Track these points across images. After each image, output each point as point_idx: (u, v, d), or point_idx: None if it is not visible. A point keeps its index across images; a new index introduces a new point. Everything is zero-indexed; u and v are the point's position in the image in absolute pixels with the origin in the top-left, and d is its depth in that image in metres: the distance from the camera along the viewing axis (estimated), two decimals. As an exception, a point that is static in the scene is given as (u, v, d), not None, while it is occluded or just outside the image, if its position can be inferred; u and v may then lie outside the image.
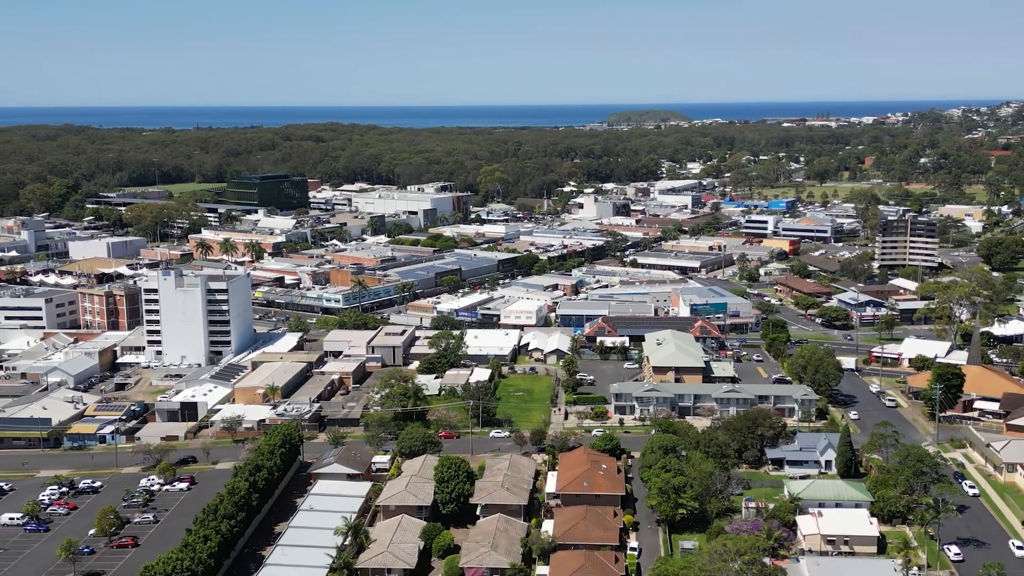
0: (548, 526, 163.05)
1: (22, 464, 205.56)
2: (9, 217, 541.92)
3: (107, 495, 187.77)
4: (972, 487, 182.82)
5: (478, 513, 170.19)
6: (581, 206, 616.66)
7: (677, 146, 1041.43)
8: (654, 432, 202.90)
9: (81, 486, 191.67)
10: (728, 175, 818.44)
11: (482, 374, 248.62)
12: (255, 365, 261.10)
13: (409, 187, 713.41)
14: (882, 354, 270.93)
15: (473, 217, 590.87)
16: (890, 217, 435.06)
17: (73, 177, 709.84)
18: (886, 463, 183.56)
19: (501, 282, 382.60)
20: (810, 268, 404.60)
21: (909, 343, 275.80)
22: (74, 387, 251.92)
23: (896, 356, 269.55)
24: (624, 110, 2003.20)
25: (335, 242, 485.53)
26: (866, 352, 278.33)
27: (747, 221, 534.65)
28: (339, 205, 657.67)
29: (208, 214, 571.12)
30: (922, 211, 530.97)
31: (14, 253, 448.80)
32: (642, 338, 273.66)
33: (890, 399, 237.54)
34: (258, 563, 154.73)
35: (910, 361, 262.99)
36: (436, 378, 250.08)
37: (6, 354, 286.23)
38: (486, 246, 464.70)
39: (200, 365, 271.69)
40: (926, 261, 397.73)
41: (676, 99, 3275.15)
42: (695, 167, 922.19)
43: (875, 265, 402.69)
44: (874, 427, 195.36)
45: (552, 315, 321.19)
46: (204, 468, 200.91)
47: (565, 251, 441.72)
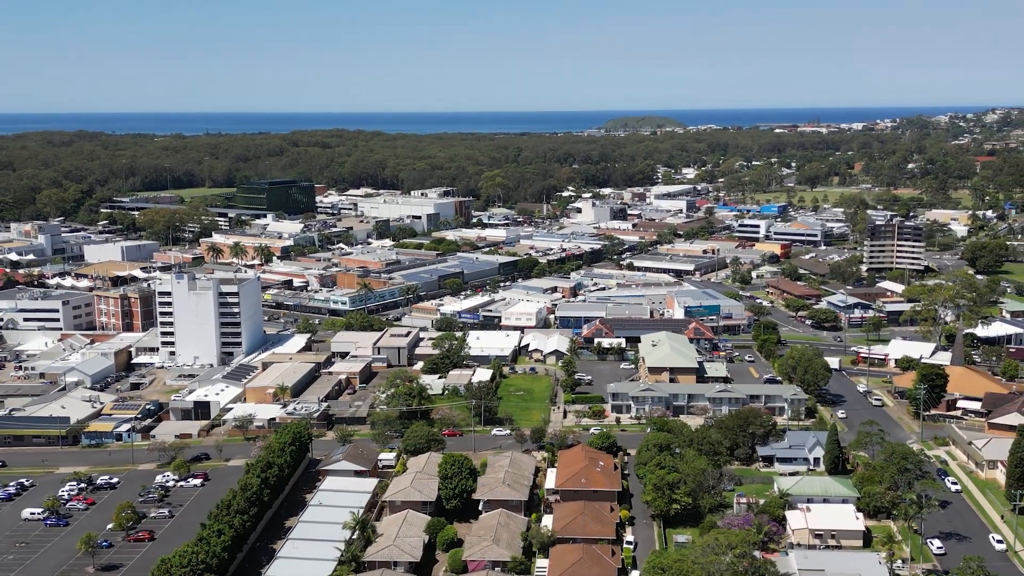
0: (548, 521, 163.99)
1: (42, 461, 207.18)
2: (26, 221, 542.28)
3: (124, 491, 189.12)
4: (954, 483, 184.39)
5: (480, 508, 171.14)
6: (579, 211, 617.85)
7: (672, 152, 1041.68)
8: (649, 430, 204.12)
9: (99, 482, 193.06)
10: (722, 180, 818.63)
11: (484, 374, 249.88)
12: (265, 365, 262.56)
13: (413, 192, 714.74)
14: (869, 355, 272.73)
15: (475, 221, 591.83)
16: (878, 222, 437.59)
17: (87, 182, 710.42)
18: (872, 460, 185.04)
19: (502, 285, 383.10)
20: (800, 271, 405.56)
21: (895, 344, 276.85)
22: (91, 387, 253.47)
23: (883, 357, 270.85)
24: (621, 116, 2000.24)
25: (341, 246, 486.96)
26: (850, 353, 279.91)
27: (740, 225, 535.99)
28: (345, 210, 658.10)
29: (219, 218, 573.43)
30: (909, 216, 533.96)
31: (31, 256, 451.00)
32: (638, 339, 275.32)
33: (876, 398, 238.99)
34: (270, 556, 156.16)
35: (896, 362, 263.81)
36: (440, 378, 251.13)
37: (25, 354, 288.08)
38: (487, 250, 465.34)
39: (212, 365, 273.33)
40: (913, 265, 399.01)
41: (672, 105, 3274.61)
42: (690, 172, 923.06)
43: (863, 268, 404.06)
44: (860, 425, 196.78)
45: (551, 317, 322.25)
46: (217, 465, 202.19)
47: (564, 254, 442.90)
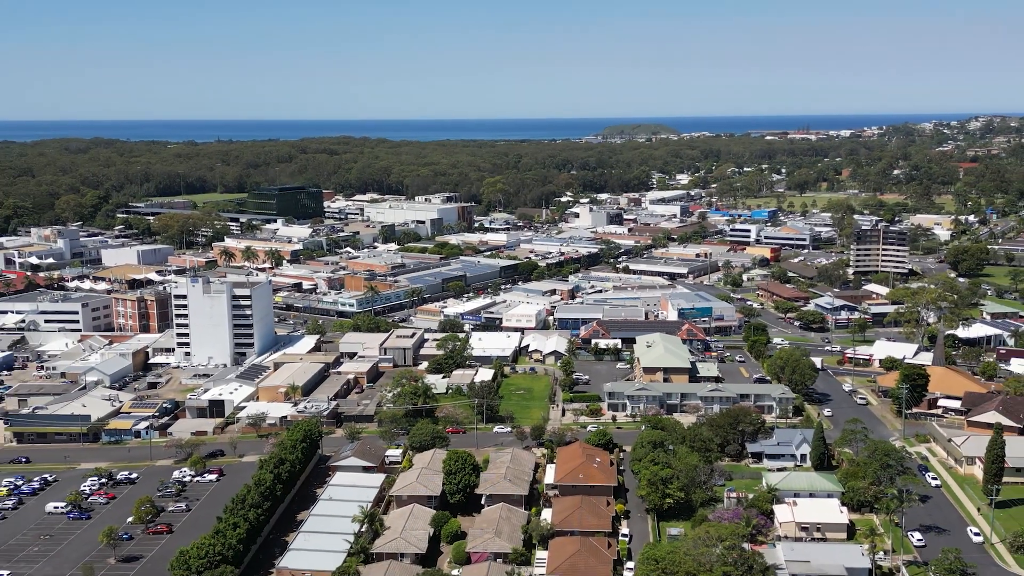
0: (547, 514, 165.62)
1: (64, 457, 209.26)
2: (46, 226, 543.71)
3: (143, 486, 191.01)
4: (935, 479, 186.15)
5: (483, 502, 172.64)
6: (577, 215, 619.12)
7: (667, 158, 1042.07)
8: (644, 428, 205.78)
9: (119, 477, 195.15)
10: (714, 186, 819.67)
11: (486, 374, 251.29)
12: (277, 365, 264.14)
13: (417, 198, 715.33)
14: (855, 355, 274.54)
15: (477, 226, 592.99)
16: (864, 226, 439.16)
17: (104, 188, 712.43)
18: (856, 456, 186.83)
19: (503, 287, 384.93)
20: (790, 274, 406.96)
21: (880, 345, 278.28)
22: (110, 386, 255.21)
23: (868, 357, 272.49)
24: (618, 123, 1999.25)
25: (349, 250, 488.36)
26: (831, 352, 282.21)
27: (731, 230, 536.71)
28: (352, 215, 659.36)
29: (230, 223, 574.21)
30: (894, 221, 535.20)
31: (51, 260, 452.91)
32: (633, 340, 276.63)
33: (861, 397, 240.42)
34: (282, 548, 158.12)
35: (880, 362, 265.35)
36: (444, 378, 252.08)
37: (47, 355, 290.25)
38: (489, 253, 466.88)
39: (226, 365, 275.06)
40: (897, 268, 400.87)
41: (666, 113, 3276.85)
42: (684, 178, 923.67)
43: (850, 271, 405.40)
44: (845, 423, 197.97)
45: (550, 318, 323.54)
46: (231, 461, 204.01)
47: (562, 258, 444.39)
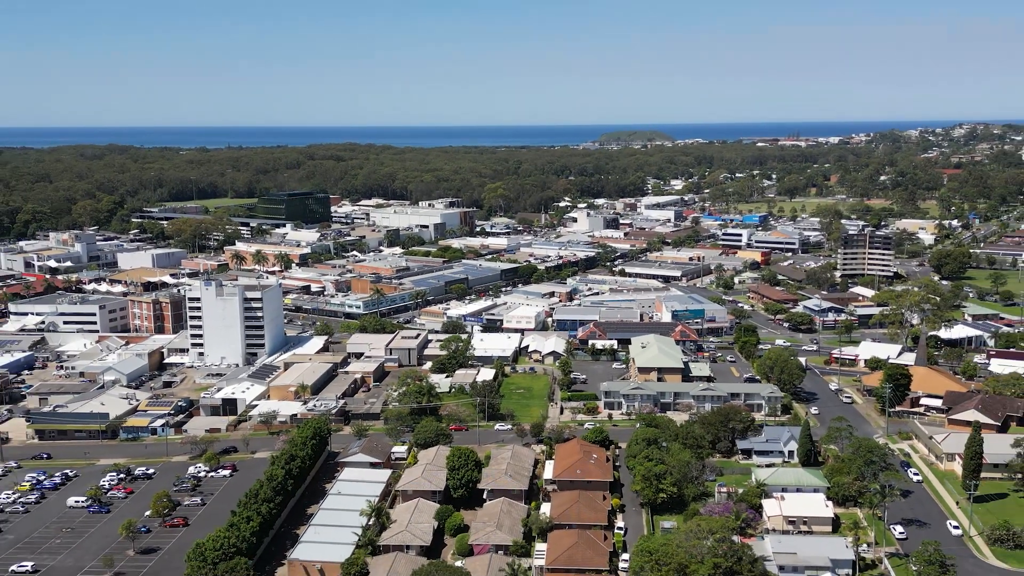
0: (546, 508, 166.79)
1: (84, 453, 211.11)
2: (63, 231, 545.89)
3: (160, 481, 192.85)
4: (916, 474, 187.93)
5: (485, 497, 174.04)
6: (575, 220, 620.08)
7: (662, 164, 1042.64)
8: (639, 425, 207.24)
9: (137, 473, 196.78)
10: (707, 191, 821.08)
11: (487, 373, 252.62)
12: (287, 365, 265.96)
13: (421, 203, 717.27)
14: (841, 355, 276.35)
15: (478, 230, 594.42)
16: (851, 231, 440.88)
17: (119, 193, 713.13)
18: (841, 453, 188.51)
19: (504, 290, 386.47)
20: (779, 277, 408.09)
21: (865, 345, 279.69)
22: (127, 385, 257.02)
23: (853, 357, 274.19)
24: (614, 130, 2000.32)
25: (355, 253, 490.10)
26: (815, 353, 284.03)
27: (724, 234, 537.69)
28: (358, 219, 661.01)
29: (241, 228, 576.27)
30: (880, 225, 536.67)
31: (69, 263, 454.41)
32: (629, 341, 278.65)
33: (847, 396, 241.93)
34: (294, 540, 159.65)
35: (865, 362, 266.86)
36: (447, 377, 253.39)
37: (66, 355, 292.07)
38: (490, 257, 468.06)
39: (238, 365, 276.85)
40: (883, 271, 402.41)
41: (661, 120, 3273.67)
42: (678, 184, 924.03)
43: (837, 274, 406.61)
44: (831, 421, 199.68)
45: (549, 320, 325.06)
46: (244, 457, 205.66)
47: (561, 261, 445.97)
